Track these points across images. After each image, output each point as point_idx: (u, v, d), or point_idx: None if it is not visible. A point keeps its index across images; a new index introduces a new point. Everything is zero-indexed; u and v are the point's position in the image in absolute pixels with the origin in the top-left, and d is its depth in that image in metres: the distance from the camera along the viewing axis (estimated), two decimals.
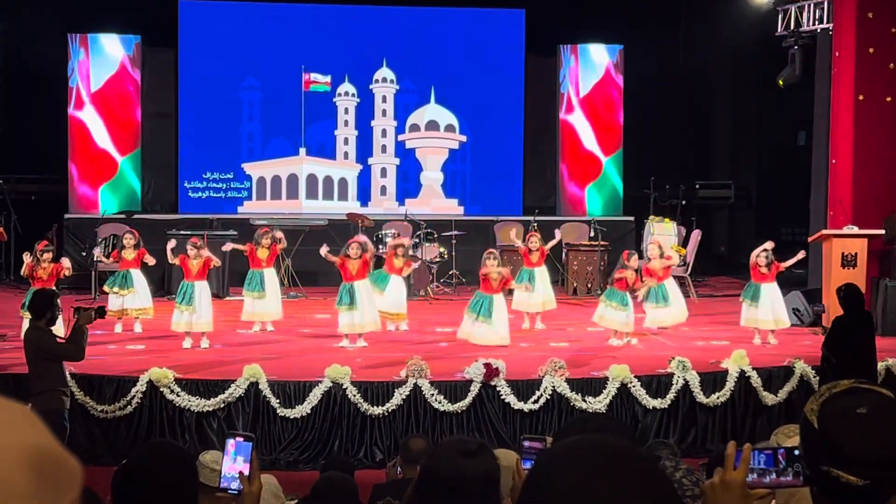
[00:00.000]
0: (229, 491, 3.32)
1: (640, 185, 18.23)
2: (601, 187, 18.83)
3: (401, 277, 12.35)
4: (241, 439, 3.34)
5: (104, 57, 17.72)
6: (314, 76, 17.99)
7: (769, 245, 11.61)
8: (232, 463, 3.32)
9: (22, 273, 11.27)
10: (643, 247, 14.35)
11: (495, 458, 2.81)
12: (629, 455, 1.46)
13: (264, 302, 12.15)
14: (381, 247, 14.47)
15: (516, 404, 9.31)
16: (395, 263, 12.25)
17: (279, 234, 12.55)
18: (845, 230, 12.44)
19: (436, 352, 10.87)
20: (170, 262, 11.87)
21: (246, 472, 3.28)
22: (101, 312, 7.98)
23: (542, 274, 12.64)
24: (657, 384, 9.65)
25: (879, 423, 2.01)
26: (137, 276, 11.93)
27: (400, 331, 12.28)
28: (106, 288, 12.09)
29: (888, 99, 13.32)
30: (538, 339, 11.88)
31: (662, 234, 15.09)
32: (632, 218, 18.15)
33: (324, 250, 11.46)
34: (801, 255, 11.66)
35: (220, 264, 11.87)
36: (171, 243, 11.67)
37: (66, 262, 11.16)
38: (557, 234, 13.39)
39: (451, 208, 18.59)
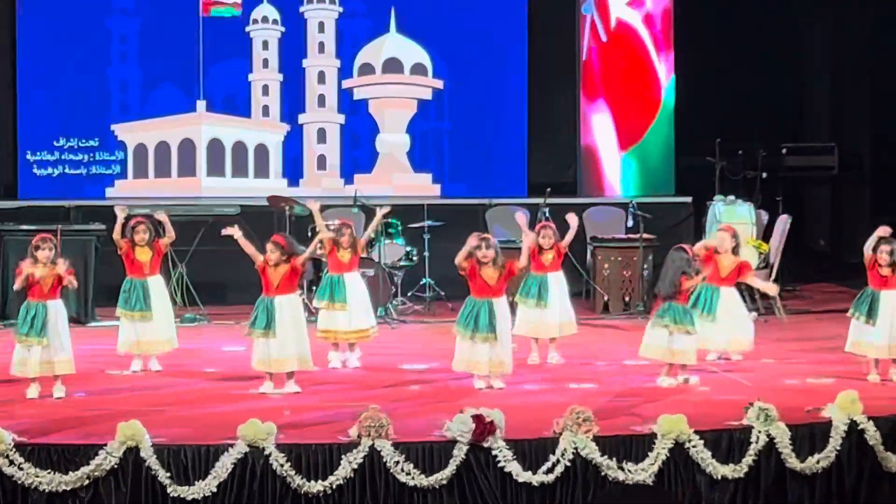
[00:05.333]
0: None
1: (700, 150, 18.24)
2: (643, 154, 18.88)
3: (356, 273, 12.44)
4: None
5: None
6: None
7: (883, 231, 11.59)
8: None
9: None
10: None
11: None
12: None
13: (149, 325, 12.09)
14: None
15: (521, 475, 9.29)
16: (343, 258, 12.26)
17: (162, 217, 12.49)
18: None
19: (403, 399, 10.86)
20: (16, 289, 11.41)
21: None
22: None
23: (557, 282, 12.61)
24: (728, 443, 9.66)
25: None
26: None
27: (349, 367, 12.27)
28: None
29: None
30: (553, 379, 11.90)
31: (735, 221, 15.02)
32: (689, 199, 18.20)
33: (237, 233, 11.29)
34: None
35: (77, 285, 11.63)
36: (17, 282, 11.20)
37: None
38: (571, 220, 13.00)
39: (423, 187, 18.63)
